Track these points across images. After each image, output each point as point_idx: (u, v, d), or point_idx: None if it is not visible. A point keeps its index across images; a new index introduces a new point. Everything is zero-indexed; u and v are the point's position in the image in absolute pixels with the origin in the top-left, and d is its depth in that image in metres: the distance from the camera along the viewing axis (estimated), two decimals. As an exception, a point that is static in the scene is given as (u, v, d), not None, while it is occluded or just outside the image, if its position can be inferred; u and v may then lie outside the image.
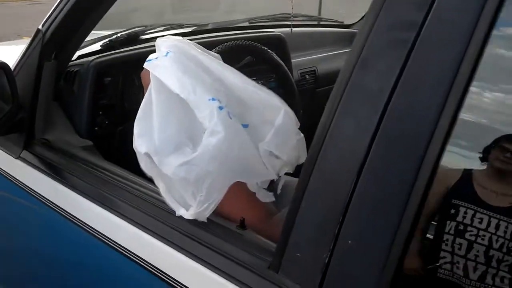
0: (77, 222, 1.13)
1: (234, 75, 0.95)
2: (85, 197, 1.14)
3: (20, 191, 1.34)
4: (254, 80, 1.79)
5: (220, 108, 0.86)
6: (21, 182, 1.34)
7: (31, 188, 1.31)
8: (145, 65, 0.94)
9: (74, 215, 1.15)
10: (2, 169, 1.41)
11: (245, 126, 0.91)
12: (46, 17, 1.28)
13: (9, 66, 1.24)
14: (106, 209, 1.08)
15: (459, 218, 0.60)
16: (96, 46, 1.72)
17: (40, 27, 1.29)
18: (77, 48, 1.41)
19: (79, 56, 1.60)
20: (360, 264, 0.67)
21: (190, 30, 2.11)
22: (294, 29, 2.21)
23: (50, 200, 1.24)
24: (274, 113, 0.92)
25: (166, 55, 0.94)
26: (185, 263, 0.88)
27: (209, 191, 0.85)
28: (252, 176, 0.90)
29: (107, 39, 1.74)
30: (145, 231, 0.97)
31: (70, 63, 1.47)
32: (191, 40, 1.80)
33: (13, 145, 1.39)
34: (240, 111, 0.92)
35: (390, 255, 0.63)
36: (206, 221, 0.89)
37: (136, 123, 0.93)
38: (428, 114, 0.60)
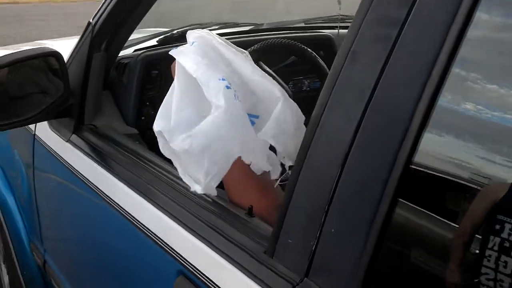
0: (115, 206, 1.20)
1: (246, 64, 0.98)
2: (124, 183, 1.21)
3: (67, 172, 1.44)
4: (299, 79, 1.85)
5: (227, 87, 0.90)
6: (68, 163, 1.44)
7: (77, 170, 1.40)
8: (171, 52, 1.00)
9: (113, 199, 1.23)
10: (54, 150, 1.53)
11: (256, 117, 0.95)
12: (97, 11, 1.37)
13: (60, 54, 1.34)
14: (140, 195, 1.14)
15: (504, 235, 0.58)
16: (153, 42, 1.82)
17: (90, 20, 1.38)
18: (125, 40, 1.49)
19: (135, 50, 1.70)
20: (340, 250, 0.70)
21: (245, 29, 2.17)
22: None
23: (93, 182, 1.33)
24: (274, 103, 0.94)
25: (191, 44, 1.00)
26: (196, 245, 0.94)
27: (210, 163, 0.89)
28: (249, 154, 0.92)
29: (163, 36, 1.83)
30: (167, 216, 1.03)
31: (121, 55, 1.57)
32: (240, 38, 1.87)
33: (64, 129, 1.50)
34: (253, 102, 0.96)
35: (367, 242, 0.65)
36: (215, 193, 0.93)
37: (161, 107, 0.98)
38: (406, 105, 0.62)
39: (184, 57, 0.96)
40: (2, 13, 10.46)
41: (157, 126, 0.94)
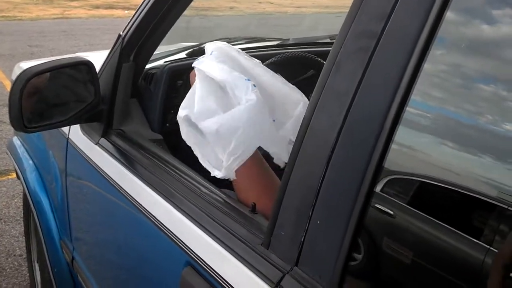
0: (136, 205, 1.29)
1: (265, 72, 1.07)
2: (145, 183, 1.30)
3: (95, 173, 1.54)
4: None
5: (254, 86, 1.00)
6: (96, 164, 1.55)
7: (103, 171, 1.51)
8: (194, 64, 1.09)
9: (134, 197, 1.32)
10: (84, 152, 1.64)
11: (272, 120, 1.04)
12: (126, 24, 1.49)
13: (92, 63, 1.45)
14: (159, 194, 1.22)
15: None
16: (183, 55, 1.93)
17: (121, 32, 1.49)
18: (152, 51, 1.60)
19: (165, 61, 1.81)
20: (325, 240, 0.77)
21: (271, 44, 2.26)
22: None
23: (117, 182, 1.42)
24: (295, 105, 1.04)
25: (210, 54, 1.09)
26: (203, 238, 1.02)
27: (237, 143, 0.97)
28: (273, 146, 1.02)
29: (191, 49, 1.94)
30: (180, 212, 1.12)
31: (149, 65, 1.67)
32: (264, 51, 1.96)
33: (94, 133, 1.60)
34: (270, 106, 1.04)
35: (346, 231, 0.73)
36: (235, 178, 1.00)
37: (184, 101, 1.07)
38: (381, 109, 0.70)
39: (206, 66, 1.06)
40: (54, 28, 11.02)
41: (182, 112, 1.04)
